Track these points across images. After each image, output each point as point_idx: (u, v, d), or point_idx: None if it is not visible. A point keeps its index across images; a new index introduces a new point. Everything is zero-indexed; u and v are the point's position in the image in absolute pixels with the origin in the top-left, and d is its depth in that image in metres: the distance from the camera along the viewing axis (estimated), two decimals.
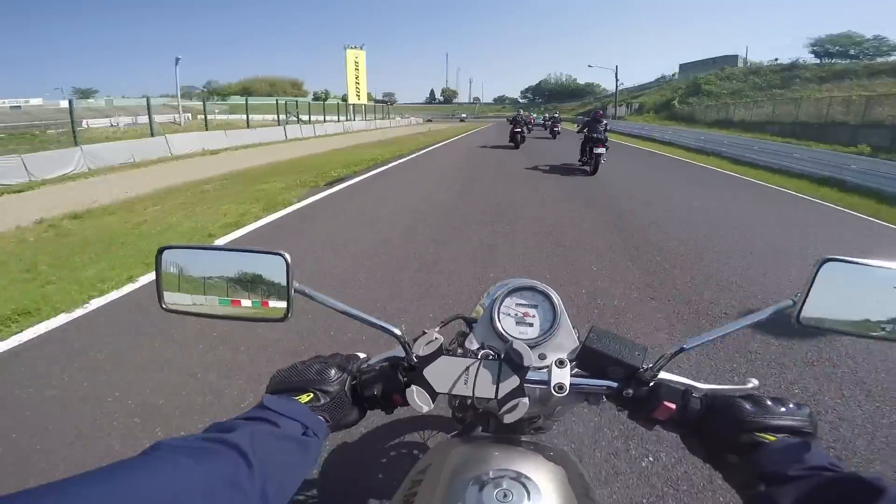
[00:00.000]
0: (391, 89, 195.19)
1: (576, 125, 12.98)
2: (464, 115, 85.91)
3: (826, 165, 9.76)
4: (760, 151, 12.68)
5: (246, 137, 16.06)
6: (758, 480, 0.40)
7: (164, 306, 0.56)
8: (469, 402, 0.57)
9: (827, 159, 10.24)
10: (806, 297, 0.50)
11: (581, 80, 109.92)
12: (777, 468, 0.40)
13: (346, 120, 29.98)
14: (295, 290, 0.53)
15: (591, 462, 1.58)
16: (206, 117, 18.38)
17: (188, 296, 0.55)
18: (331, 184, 7.65)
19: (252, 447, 0.38)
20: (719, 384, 0.54)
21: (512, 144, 15.16)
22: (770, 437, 0.43)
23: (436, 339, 0.53)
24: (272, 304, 0.54)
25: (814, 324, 0.51)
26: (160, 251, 0.55)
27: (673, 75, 61.42)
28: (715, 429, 0.47)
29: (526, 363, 0.51)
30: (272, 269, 0.53)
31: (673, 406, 0.50)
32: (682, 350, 0.53)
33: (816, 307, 0.50)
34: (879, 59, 35.65)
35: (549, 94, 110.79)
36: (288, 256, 0.52)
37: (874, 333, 0.50)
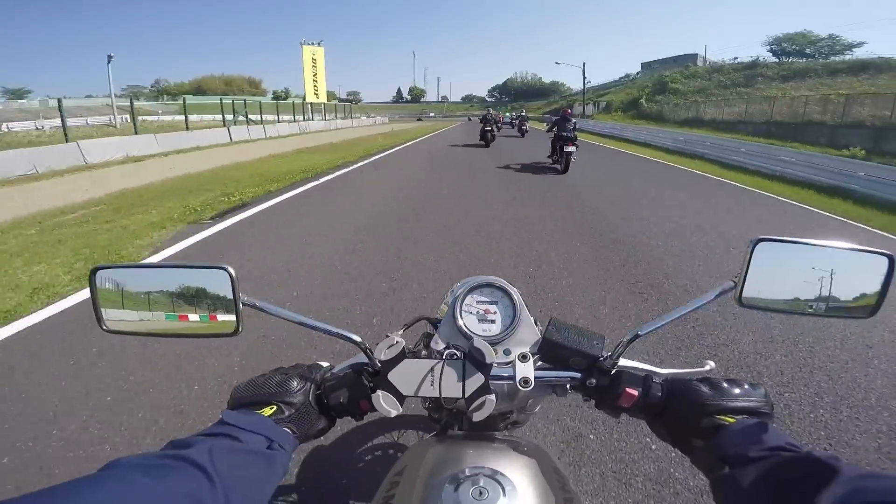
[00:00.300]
0: (357, 88, 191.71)
1: (545, 124, 13.04)
2: (423, 114, 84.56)
3: (826, 171, 8.92)
4: (748, 154, 11.85)
5: (182, 141, 14.39)
6: (721, 463, 0.42)
7: (104, 327, 0.54)
8: (429, 403, 0.64)
9: (823, 164, 9.42)
10: (745, 277, 0.52)
11: (546, 79, 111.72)
12: (738, 450, 0.42)
13: (305, 120, 27.83)
14: (244, 304, 0.53)
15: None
16: (133, 119, 16.24)
17: (130, 314, 0.55)
18: (224, 214, 5.40)
19: (212, 463, 0.37)
20: (678, 368, 0.57)
21: (483, 143, 15.42)
22: (730, 419, 0.45)
23: (397, 342, 0.54)
24: (221, 318, 0.54)
25: (754, 304, 0.53)
26: (94, 271, 0.54)
27: (637, 74, 62.11)
28: (677, 413, 0.50)
29: (488, 360, 0.53)
30: (217, 283, 0.53)
31: (635, 393, 0.52)
32: (637, 336, 0.55)
33: (755, 287, 0.52)
34: (835, 58, 37.21)
35: (516, 93, 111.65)
36: (232, 270, 0.53)
37: (810, 311, 0.53)
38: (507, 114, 38.52)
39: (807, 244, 0.52)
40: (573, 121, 9.37)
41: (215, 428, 0.44)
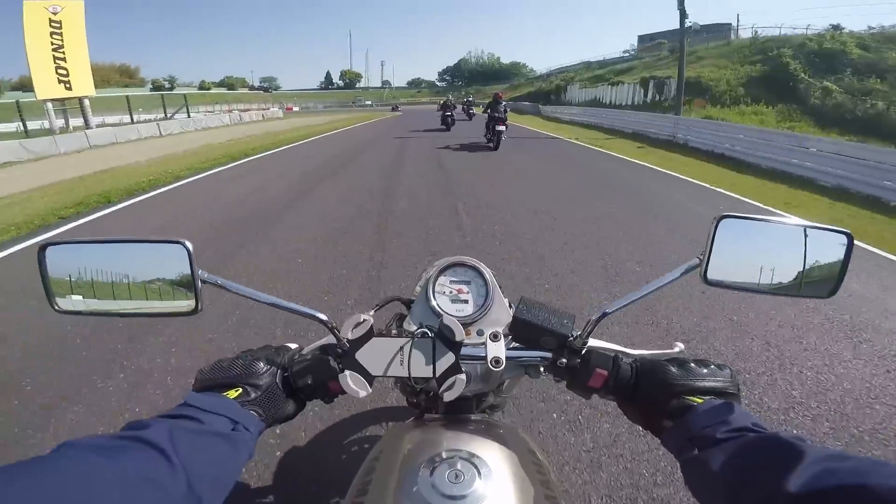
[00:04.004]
0: (277, 74, 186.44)
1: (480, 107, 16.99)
2: (355, 102, 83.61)
3: None
4: None
5: None
6: (690, 444, 0.48)
7: (56, 308, 0.59)
8: (413, 383, 0.67)
9: None
10: (709, 255, 0.59)
11: (506, 60, 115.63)
12: (705, 431, 0.47)
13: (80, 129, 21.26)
14: (203, 281, 0.58)
15: None
16: None
17: (83, 293, 0.58)
18: None
19: (172, 444, 0.41)
20: (647, 349, 0.65)
21: (444, 127, 19.36)
22: (698, 400, 0.52)
23: (364, 320, 0.59)
24: (179, 296, 0.59)
25: (719, 282, 0.60)
26: (42, 248, 0.58)
27: (632, 48, 54.75)
28: (647, 394, 0.56)
29: (458, 338, 0.58)
30: (174, 259, 0.57)
31: (605, 373, 0.58)
32: (604, 315, 0.61)
33: (720, 266, 0.59)
34: None
35: (470, 76, 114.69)
36: (189, 244, 0.56)
37: (774, 289, 0.61)
38: (458, 101, 40.04)
39: (768, 221, 0.60)
40: (503, 103, 12.58)
41: (177, 410, 0.49)
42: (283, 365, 0.60)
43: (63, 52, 21.00)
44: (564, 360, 0.61)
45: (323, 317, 0.60)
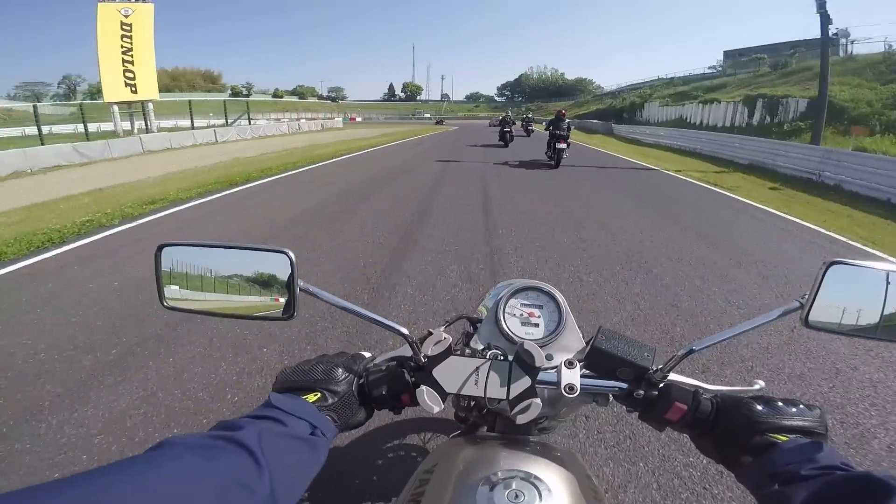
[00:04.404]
0: (344, 84, 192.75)
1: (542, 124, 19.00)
2: (415, 114, 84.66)
3: None
4: None
5: None
6: (771, 480, 0.47)
7: (165, 304, 0.64)
8: (473, 403, 0.69)
9: None
10: (813, 299, 0.59)
11: (570, 76, 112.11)
12: (790, 468, 0.46)
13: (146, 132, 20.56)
14: (300, 289, 0.62)
15: None
16: None
17: (190, 293, 0.64)
18: None
19: (260, 446, 0.43)
20: (726, 386, 0.65)
21: (502, 143, 19.42)
22: (782, 438, 0.51)
23: (444, 338, 0.61)
24: (277, 302, 0.62)
25: (821, 326, 0.60)
26: (159, 248, 0.64)
27: (718, 64, 49.53)
28: (728, 429, 0.55)
29: (537, 363, 0.59)
30: (276, 266, 0.62)
31: (685, 407, 0.58)
32: (691, 351, 0.62)
33: (824, 309, 0.59)
34: None
35: (531, 92, 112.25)
36: (292, 254, 0.61)
37: (881, 335, 0.60)
38: (517, 118, 37.99)
39: (885, 270, 0.59)
40: (566, 121, 12.36)
41: (262, 410, 0.50)
42: (359, 373, 0.62)
43: (132, 56, 20.96)
44: (641, 392, 0.61)
45: (405, 331, 0.63)
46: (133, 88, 20.89)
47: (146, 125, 21.56)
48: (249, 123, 28.46)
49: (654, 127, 26.87)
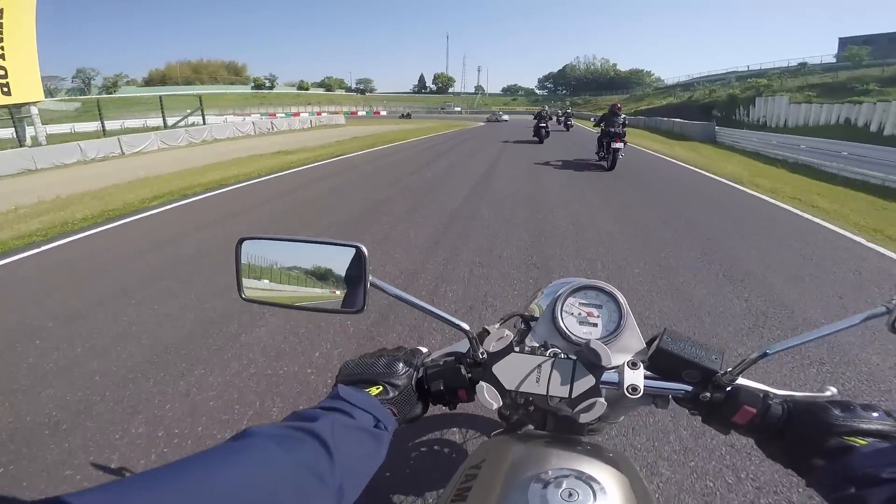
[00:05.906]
0: (373, 76, 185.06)
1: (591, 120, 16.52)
2: (444, 108, 79.73)
3: None
4: None
5: None
6: (847, 483, 0.46)
7: (243, 296, 0.66)
8: (524, 400, 0.66)
9: None
10: None
11: (623, 67, 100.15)
12: (869, 471, 0.45)
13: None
14: (370, 283, 0.61)
15: None
16: None
17: (267, 286, 0.66)
18: None
19: (333, 438, 0.44)
20: (797, 391, 0.61)
21: (536, 139, 18.71)
22: (860, 441, 0.49)
23: (506, 335, 0.62)
24: (348, 295, 0.63)
25: None
26: (240, 242, 0.65)
27: (833, 56, 39.70)
28: (801, 433, 0.54)
29: (604, 363, 0.58)
30: (347, 260, 0.62)
31: (753, 410, 0.57)
32: (764, 355, 0.59)
33: None
34: None
35: (577, 84, 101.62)
36: (365, 249, 0.61)
37: None
38: (553, 111, 33.23)
39: None
40: (622, 116, 10.44)
41: (331, 402, 0.52)
42: (417, 367, 0.63)
43: (1, 48, 14.52)
44: (708, 395, 0.60)
45: (467, 327, 0.62)
46: (5, 89, 14.70)
47: (23, 134, 15.15)
48: (204, 123, 21.05)
49: (797, 135, 16.19)
